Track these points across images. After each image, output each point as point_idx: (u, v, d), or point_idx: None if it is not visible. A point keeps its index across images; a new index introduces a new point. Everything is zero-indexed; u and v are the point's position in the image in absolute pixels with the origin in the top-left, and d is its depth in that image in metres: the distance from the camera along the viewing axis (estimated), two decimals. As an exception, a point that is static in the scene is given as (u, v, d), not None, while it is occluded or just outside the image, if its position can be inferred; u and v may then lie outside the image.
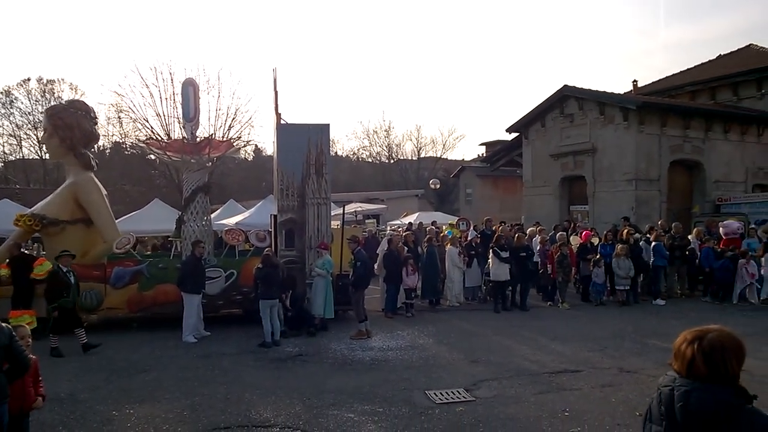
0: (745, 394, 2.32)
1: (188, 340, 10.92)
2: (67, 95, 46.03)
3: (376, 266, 13.23)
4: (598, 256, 14.57)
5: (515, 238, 14.43)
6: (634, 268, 14.13)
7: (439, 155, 60.53)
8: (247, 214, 21.69)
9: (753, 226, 16.66)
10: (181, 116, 12.95)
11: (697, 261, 15.12)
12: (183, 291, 11.16)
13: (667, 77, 28.66)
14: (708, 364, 2.34)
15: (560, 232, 16.18)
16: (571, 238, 16.98)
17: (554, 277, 14.47)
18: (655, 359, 9.14)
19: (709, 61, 28.44)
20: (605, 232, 15.88)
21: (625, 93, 26.47)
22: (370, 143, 61.83)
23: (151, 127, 13.14)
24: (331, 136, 13.56)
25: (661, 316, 12.73)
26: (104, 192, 13.62)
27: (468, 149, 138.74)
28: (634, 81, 29.95)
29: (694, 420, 2.31)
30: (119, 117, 33.83)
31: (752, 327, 10.92)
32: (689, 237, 15.77)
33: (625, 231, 15.39)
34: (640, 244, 14.84)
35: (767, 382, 7.63)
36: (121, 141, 44.88)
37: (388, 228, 22.38)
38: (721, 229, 15.62)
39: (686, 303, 14.54)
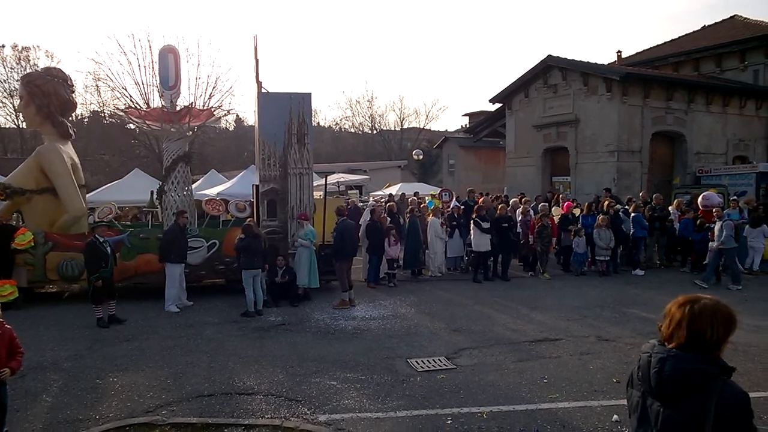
0: (722, 366, 2.35)
1: (170, 309, 10.91)
2: (43, 62, 44.77)
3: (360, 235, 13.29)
4: (579, 227, 14.72)
5: (497, 209, 14.50)
6: (615, 238, 14.30)
7: (422, 126, 60.38)
8: (228, 184, 21.57)
9: (735, 197, 16.89)
10: (159, 84, 12.72)
11: (676, 232, 15.33)
12: (165, 261, 11.12)
13: (651, 48, 28.68)
14: (694, 327, 2.37)
15: (542, 203, 16.28)
16: (553, 209, 17.12)
17: (534, 248, 14.61)
18: (633, 328, 9.34)
19: (694, 32, 28.44)
20: (586, 204, 16.01)
21: (609, 64, 26.46)
22: (352, 113, 61.55)
23: (130, 96, 12.93)
24: (313, 106, 13.48)
25: (640, 286, 12.94)
26: (75, 161, 13.23)
27: (451, 120, 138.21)
28: (618, 52, 29.98)
29: (666, 386, 2.36)
30: (97, 85, 33.19)
31: (730, 298, 11.16)
32: (669, 208, 15.95)
33: (606, 202, 15.53)
34: (621, 215, 14.98)
35: (751, 351, 7.87)
36: (99, 110, 44.02)
37: (371, 199, 22.36)
38: (700, 200, 15.79)
39: (665, 273, 14.77)
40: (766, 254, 14.47)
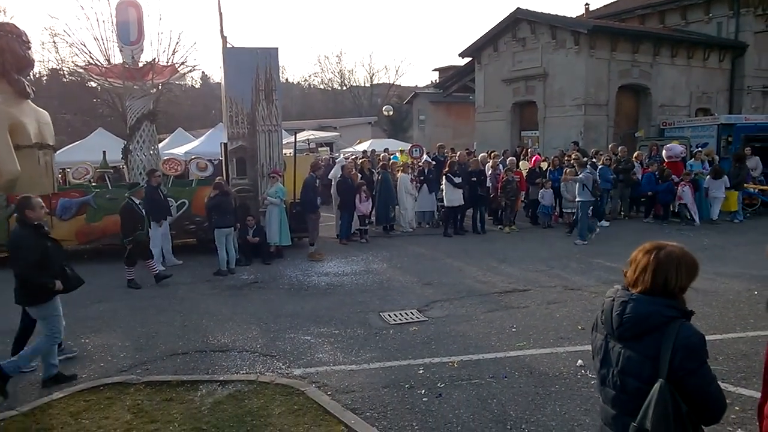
0: (682, 309, 2.47)
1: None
2: (-6, 18, 42.84)
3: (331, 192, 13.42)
4: (545, 180, 14.91)
5: (470, 163, 14.58)
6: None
7: (392, 81, 59.70)
8: (197, 142, 21.24)
9: (699, 149, 17.25)
10: (118, 39, 12.32)
11: (640, 184, 15.65)
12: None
13: (617, 0, 28.60)
14: (659, 273, 2.46)
15: (510, 158, 16.41)
16: (521, 163, 17.29)
17: (498, 202, 14.79)
18: (598, 277, 9.62)
19: (660, -17, 28.38)
20: (553, 157, 16.20)
21: (577, 17, 26.38)
22: (321, 69, 60.48)
23: (90, 52, 12.53)
24: (281, 62, 13.19)
25: (604, 237, 13.27)
26: (22, 121, 12.25)
27: (421, 75, 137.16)
28: (586, 5, 29.97)
29: (626, 327, 2.47)
30: (54, 41, 31.93)
31: (690, 246, 11.50)
32: (633, 160, 16.23)
33: (573, 155, 15.72)
34: (588, 167, 15.17)
35: (708, 297, 8.20)
36: (58, 67, 42.42)
37: (341, 155, 22.25)
38: (664, 152, 16.10)
39: (629, 224, 15.15)
40: (724, 205, 14.92)
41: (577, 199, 12.74)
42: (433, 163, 15.72)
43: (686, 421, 2.32)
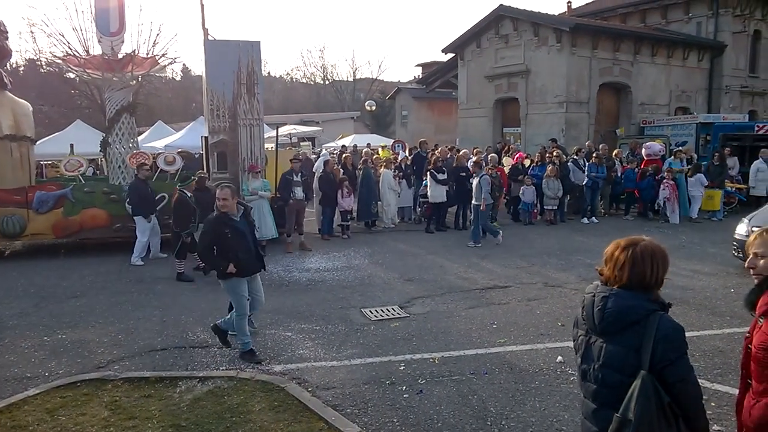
0: (660, 302, 2.52)
1: (135, 262, 10.81)
2: (-32, 6, 41.99)
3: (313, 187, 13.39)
4: (526, 177, 14.97)
5: (456, 159, 14.59)
6: (563, 188, 14.67)
7: (375, 77, 59.61)
8: (176, 136, 21.04)
9: (680, 148, 17.45)
10: (99, 31, 12.12)
11: (621, 182, 15.80)
12: (134, 215, 10.92)
13: (600, -1, 28.82)
14: (637, 269, 2.49)
15: (491, 154, 16.45)
16: (504, 159, 17.36)
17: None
18: (578, 274, 9.70)
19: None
20: (536, 154, 16.27)
21: (559, 15, 26.53)
22: (304, 63, 60.20)
23: (68, 43, 12.29)
24: (263, 56, 13.06)
25: (585, 234, 13.38)
26: None
27: (404, 70, 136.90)
28: (569, 2, 30.04)
29: (608, 322, 2.51)
30: (32, 31, 31.38)
31: (669, 243, 11.65)
32: (613, 158, 16.37)
33: (554, 152, 15.82)
34: (568, 165, 15.31)
35: (686, 294, 8.29)
36: (35, 58, 41.65)
37: (324, 150, 22.17)
38: (643, 150, 16.28)
39: (608, 221, 15.29)
40: (707, 204, 15.11)
41: (473, 202, 12.49)
42: (410, 158, 15.71)
43: (668, 412, 2.36)
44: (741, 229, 9.71)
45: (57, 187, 11.77)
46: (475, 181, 12.48)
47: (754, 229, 9.03)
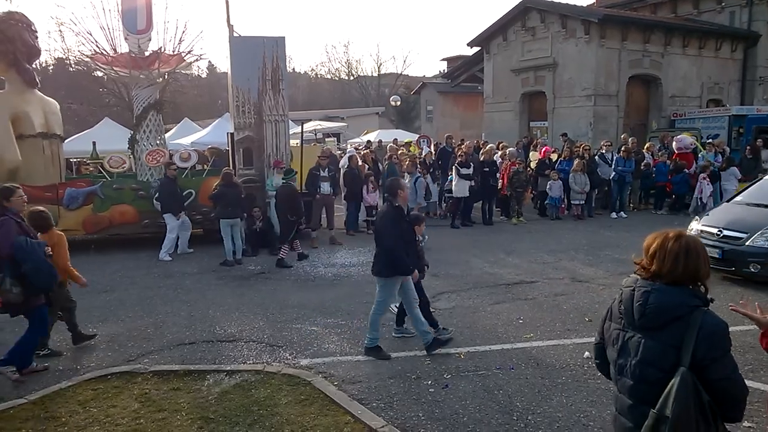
0: (703, 297, 2.45)
1: (164, 258, 10.98)
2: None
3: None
4: (553, 171, 14.78)
5: (481, 154, 14.47)
6: (590, 183, 14.46)
7: (399, 71, 59.43)
8: (203, 132, 21.23)
9: (710, 140, 17.05)
10: (126, 29, 12.29)
11: (653, 176, 15.51)
12: (163, 212, 11.15)
13: (629, -11, 28.27)
14: (691, 261, 2.43)
15: (509, 149, 16.16)
16: (531, 154, 17.17)
17: (504, 193, 14.68)
18: (606, 269, 9.56)
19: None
20: (565, 147, 16.04)
21: (587, 5, 26.12)
22: (328, 59, 60.26)
23: (96, 41, 12.50)
24: (288, 52, 13.11)
25: (613, 229, 13.18)
26: (26, 110, 12.09)
27: (429, 65, 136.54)
28: (597, -7, 29.50)
29: (648, 318, 2.44)
30: (60, 30, 31.95)
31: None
32: (643, 152, 16.09)
33: (582, 146, 15.59)
34: (596, 159, 15.09)
35: (719, 286, 8.10)
36: (64, 57, 42.47)
37: (349, 146, 22.19)
38: (674, 143, 15.96)
39: (638, 216, 15.04)
40: None
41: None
42: (433, 153, 15.62)
43: (707, 411, 2.30)
44: (693, 226, 9.33)
45: (87, 184, 11.98)
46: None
47: (705, 228, 8.78)
